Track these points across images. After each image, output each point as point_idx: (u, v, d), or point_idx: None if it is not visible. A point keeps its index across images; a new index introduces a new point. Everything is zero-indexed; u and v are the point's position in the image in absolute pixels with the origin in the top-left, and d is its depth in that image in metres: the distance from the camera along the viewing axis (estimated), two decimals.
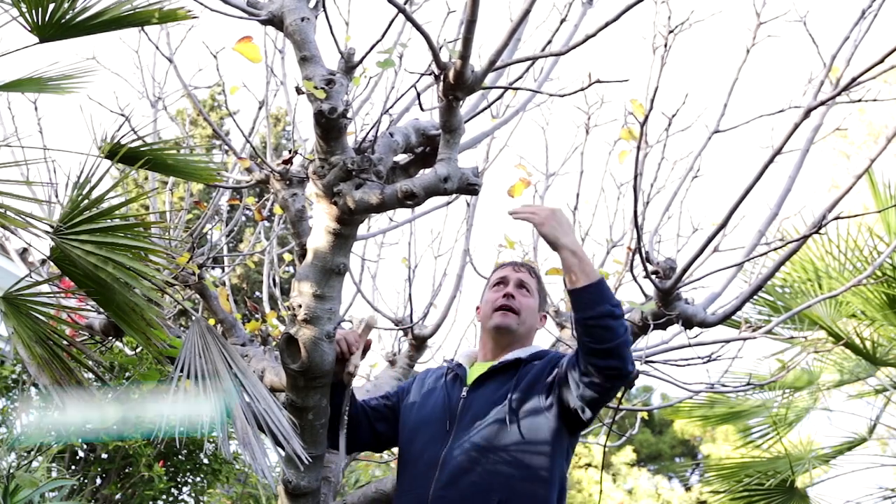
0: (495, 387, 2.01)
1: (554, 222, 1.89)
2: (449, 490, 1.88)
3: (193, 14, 2.01)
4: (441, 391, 2.09)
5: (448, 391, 2.07)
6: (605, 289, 1.85)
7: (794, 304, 5.07)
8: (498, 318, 2.10)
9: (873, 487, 5.65)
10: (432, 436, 1.99)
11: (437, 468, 1.92)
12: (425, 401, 2.10)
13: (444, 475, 1.90)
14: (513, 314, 2.10)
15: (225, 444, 2.22)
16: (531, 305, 2.14)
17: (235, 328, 3.14)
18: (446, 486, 1.88)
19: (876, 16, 2.55)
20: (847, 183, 2.51)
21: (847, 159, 11.44)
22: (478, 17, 1.82)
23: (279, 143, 13.17)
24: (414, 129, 2.25)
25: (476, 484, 1.86)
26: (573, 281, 1.84)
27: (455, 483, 1.88)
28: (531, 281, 2.17)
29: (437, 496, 1.88)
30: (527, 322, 2.13)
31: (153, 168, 2.13)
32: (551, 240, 1.89)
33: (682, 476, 16.19)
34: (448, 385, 2.09)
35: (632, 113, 2.52)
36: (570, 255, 1.86)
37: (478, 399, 2.00)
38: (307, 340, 2.02)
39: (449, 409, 2.02)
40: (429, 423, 2.03)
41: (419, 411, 2.09)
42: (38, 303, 1.88)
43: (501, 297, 2.12)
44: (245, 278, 13.83)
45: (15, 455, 3.00)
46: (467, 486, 1.86)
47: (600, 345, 1.82)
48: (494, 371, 2.05)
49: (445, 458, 1.92)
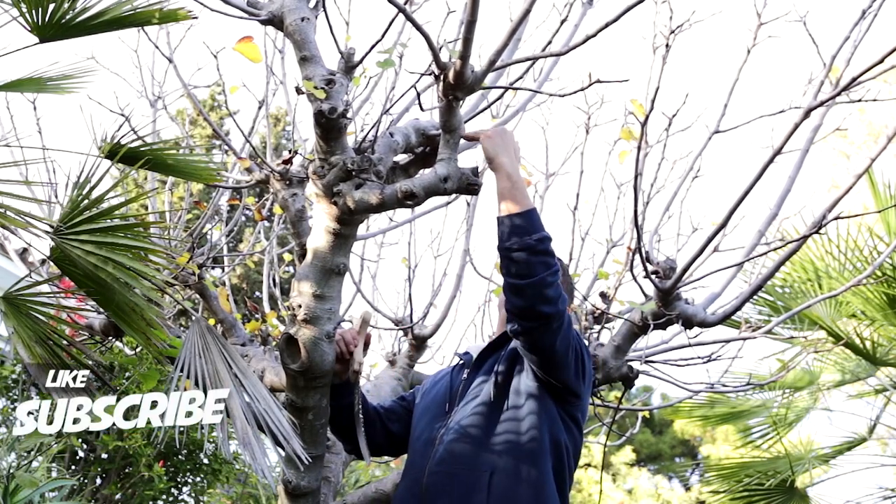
0: (488, 366, 2.03)
1: (499, 140, 1.82)
2: (441, 466, 1.88)
3: (193, 14, 2.00)
4: (446, 379, 2.12)
5: (452, 377, 2.10)
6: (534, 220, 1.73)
7: (794, 304, 5.07)
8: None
9: (873, 487, 5.66)
10: (432, 417, 2.02)
11: (433, 446, 1.93)
12: (431, 390, 2.14)
13: (437, 453, 1.91)
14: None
15: (225, 444, 2.22)
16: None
17: (235, 328, 3.14)
18: (439, 462, 1.88)
19: (876, 16, 2.55)
20: (847, 183, 2.51)
21: (847, 159, 11.44)
22: (478, 17, 1.82)
23: (279, 143, 13.17)
24: (414, 129, 2.25)
25: (467, 460, 1.86)
26: (500, 209, 1.76)
27: (446, 460, 1.88)
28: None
29: (430, 472, 1.88)
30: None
31: (153, 168, 2.13)
32: (490, 155, 1.82)
33: (682, 476, 16.19)
34: (454, 372, 2.12)
35: (632, 113, 2.52)
36: (505, 179, 1.79)
37: (474, 380, 2.02)
38: (307, 340, 2.02)
39: (450, 392, 2.04)
40: (431, 407, 2.06)
41: (424, 399, 2.12)
42: (38, 303, 1.88)
43: None
44: (245, 278, 13.82)
45: (15, 455, 3.00)
46: (459, 463, 1.86)
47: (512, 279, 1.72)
48: (488, 349, 2.07)
49: (440, 438, 1.93)
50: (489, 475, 1.82)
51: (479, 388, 1.98)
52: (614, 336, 2.80)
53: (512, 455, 1.84)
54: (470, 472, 1.84)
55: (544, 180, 3.48)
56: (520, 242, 1.72)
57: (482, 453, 1.86)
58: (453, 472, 1.86)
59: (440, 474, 1.87)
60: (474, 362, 2.07)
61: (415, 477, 1.93)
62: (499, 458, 1.85)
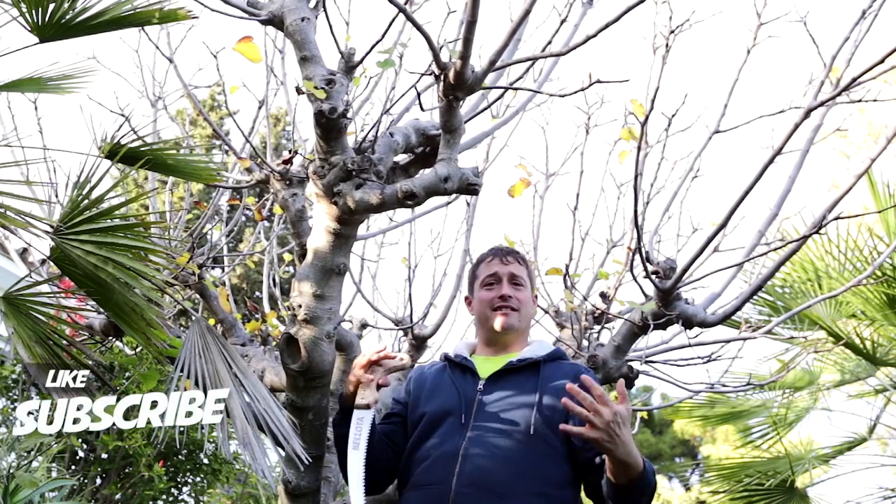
0: (516, 385, 1.98)
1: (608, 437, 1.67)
2: (471, 490, 1.84)
3: (193, 14, 2.01)
4: (450, 385, 2.03)
5: (459, 384, 2.02)
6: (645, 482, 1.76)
7: (794, 304, 5.07)
8: (499, 319, 2.07)
9: (873, 487, 5.65)
10: (448, 429, 1.94)
11: (457, 462, 1.88)
12: (433, 396, 2.04)
13: (465, 472, 1.86)
14: (513, 312, 2.08)
15: (225, 444, 2.22)
16: (527, 297, 2.13)
17: (235, 328, 3.14)
18: (470, 485, 1.85)
19: (876, 16, 2.55)
20: (847, 183, 2.51)
21: (847, 159, 11.45)
22: (478, 17, 1.82)
23: (279, 143, 13.16)
24: (414, 129, 2.25)
25: (500, 488, 1.84)
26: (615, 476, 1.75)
27: (478, 484, 1.84)
28: (521, 270, 2.14)
29: (460, 492, 1.85)
30: (526, 316, 2.13)
31: (153, 168, 2.13)
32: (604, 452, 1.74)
33: (682, 476, 16.19)
34: (457, 378, 2.04)
35: (632, 113, 2.52)
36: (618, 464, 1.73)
37: (496, 395, 1.97)
38: (307, 340, 2.02)
39: (465, 403, 1.97)
40: (442, 417, 1.97)
41: (427, 406, 2.02)
42: (38, 303, 1.88)
43: (498, 297, 2.09)
44: (245, 278, 13.83)
45: (15, 455, 3.00)
46: (490, 490, 1.84)
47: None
48: (512, 368, 2.02)
49: (465, 452, 1.88)
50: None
51: (508, 413, 1.93)
52: (614, 336, 2.80)
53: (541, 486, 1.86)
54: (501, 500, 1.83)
55: (544, 180, 3.48)
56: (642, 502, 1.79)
57: (514, 482, 1.85)
58: (483, 496, 1.83)
59: (471, 496, 1.84)
60: (491, 376, 2.01)
61: (440, 492, 1.87)
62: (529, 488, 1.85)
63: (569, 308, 2.97)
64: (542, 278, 3.01)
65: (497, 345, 2.11)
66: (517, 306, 2.09)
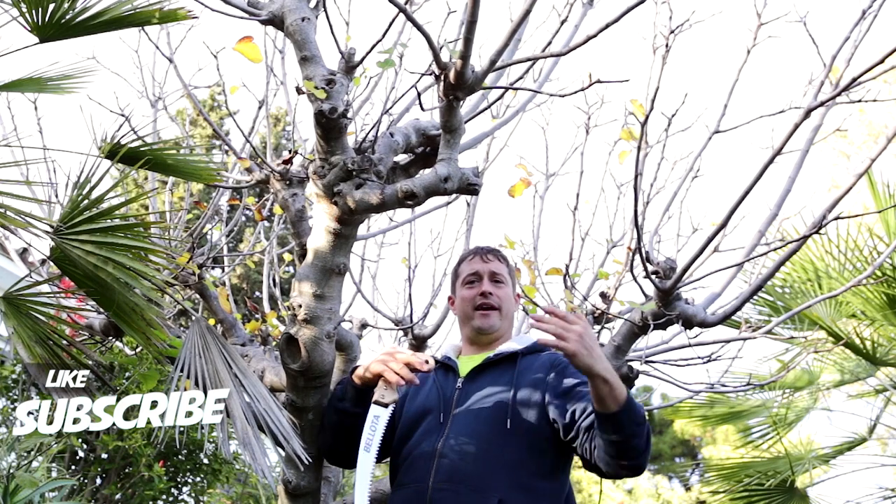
0: (492, 379, 2.00)
1: (584, 350, 1.72)
2: (448, 486, 1.86)
3: (193, 14, 2.01)
4: (432, 384, 2.05)
5: (440, 383, 2.04)
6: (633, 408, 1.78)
7: (794, 304, 5.07)
8: (480, 319, 2.09)
9: (873, 487, 5.65)
10: (426, 428, 1.97)
11: (434, 460, 1.90)
12: (415, 397, 2.07)
13: (442, 469, 1.88)
14: (494, 311, 2.10)
15: (225, 444, 2.22)
16: (507, 294, 2.14)
17: (235, 328, 3.14)
18: (446, 481, 1.86)
19: (876, 16, 2.54)
20: (847, 183, 2.51)
21: (847, 159, 11.45)
22: (478, 17, 1.82)
23: (279, 143, 13.16)
24: (414, 129, 2.25)
25: (476, 483, 1.85)
26: (603, 406, 1.76)
27: (453, 479, 1.86)
28: (502, 268, 2.16)
29: (436, 489, 1.86)
30: (508, 314, 2.14)
31: (153, 168, 2.13)
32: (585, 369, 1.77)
33: (682, 476, 16.18)
34: (439, 378, 2.06)
35: (632, 113, 2.52)
36: (602, 384, 1.74)
37: (473, 392, 1.99)
38: (307, 340, 2.02)
39: (443, 401, 1.99)
40: (422, 416, 2.00)
41: (410, 405, 2.05)
42: (38, 303, 1.88)
43: (479, 295, 2.10)
44: (245, 278, 13.83)
45: (15, 455, 3.00)
46: (467, 485, 1.85)
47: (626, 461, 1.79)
48: (489, 363, 2.03)
49: (441, 450, 1.90)
50: (497, 500, 1.82)
51: (483, 407, 1.94)
52: (614, 336, 2.80)
53: (525, 483, 1.86)
54: (478, 494, 1.83)
55: (544, 180, 3.48)
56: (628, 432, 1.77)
57: (492, 479, 1.85)
58: (460, 491, 1.84)
59: (447, 493, 1.85)
60: (469, 373, 2.03)
61: (417, 490, 1.89)
62: (509, 485, 1.85)
63: (569, 308, 2.97)
64: (542, 278, 3.01)
65: (479, 343, 2.12)
66: (497, 304, 2.10)
